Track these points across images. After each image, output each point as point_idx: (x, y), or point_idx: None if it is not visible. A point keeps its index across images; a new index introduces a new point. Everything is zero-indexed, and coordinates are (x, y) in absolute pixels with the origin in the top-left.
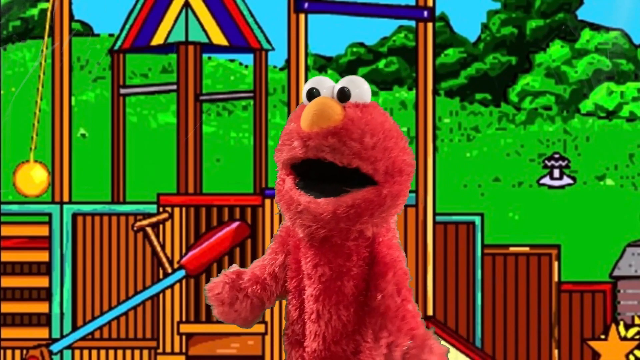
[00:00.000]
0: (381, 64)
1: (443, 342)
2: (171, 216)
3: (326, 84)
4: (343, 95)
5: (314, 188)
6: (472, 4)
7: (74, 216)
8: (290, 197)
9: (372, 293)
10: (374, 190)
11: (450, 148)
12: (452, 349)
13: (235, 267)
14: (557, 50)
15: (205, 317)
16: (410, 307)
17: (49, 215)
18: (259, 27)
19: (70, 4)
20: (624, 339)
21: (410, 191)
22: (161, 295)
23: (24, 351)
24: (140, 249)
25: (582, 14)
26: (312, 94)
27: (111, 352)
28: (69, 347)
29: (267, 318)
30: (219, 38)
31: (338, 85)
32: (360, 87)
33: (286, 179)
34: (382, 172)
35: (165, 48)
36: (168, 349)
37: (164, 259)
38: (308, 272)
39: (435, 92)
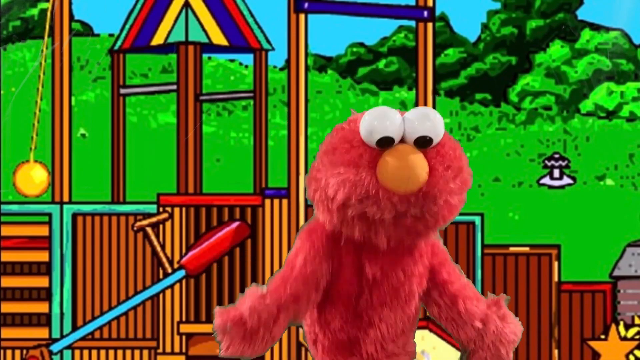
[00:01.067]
0: (381, 64)
1: (443, 342)
2: (171, 216)
3: (395, 120)
4: (425, 144)
5: None
6: (472, 4)
7: (74, 216)
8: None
9: (443, 282)
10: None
11: None
12: (452, 349)
13: (253, 288)
14: (557, 50)
15: (205, 317)
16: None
17: (49, 215)
18: (259, 27)
19: (70, 4)
20: (624, 339)
21: None
22: (161, 295)
23: (24, 351)
24: (140, 249)
25: (582, 14)
26: (384, 142)
27: (111, 352)
28: (69, 347)
29: None
30: (219, 38)
31: (414, 129)
32: (436, 126)
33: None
34: (456, 194)
35: (165, 48)
36: (168, 349)
37: (164, 259)
38: (376, 278)
39: (435, 92)
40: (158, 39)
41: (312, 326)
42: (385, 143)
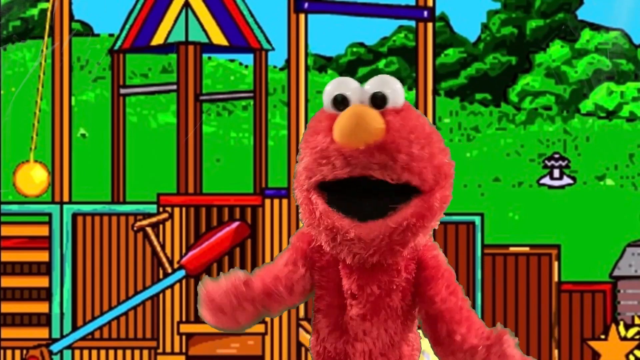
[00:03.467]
0: (381, 64)
1: None
2: (171, 216)
3: (351, 85)
4: (379, 101)
5: (351, 207)
6: (472, 4)
7: (74, 216)
8: (331, 224)
9: (426, 299)
10: (422, 201)
11: (450, 148)
12: None
13: (239, 273)
14: (557, 50)
15: None
16: (468, 305)
17: (49, 215)
18: (259, 27)
19: (70, 4)
20: (624, 339)
21: None
22: (161, 295)
23: (24, 351)
24: (140, 249)
25: (582, 14)
26: (339, 100)
27: (111, 352)
28: (69, 347)
29: (267, 318)
30: (219, 38)
31: (370, 88)
32: (394, 89)
33: (315, 199)
34: (431, 181)
35: (165, 48)
36: (168, 349)
37: (164, 259)
38: (353, 292)
39: (435, 92)
40: (158, 39)
41: (313, 335)
42: (342, 104)
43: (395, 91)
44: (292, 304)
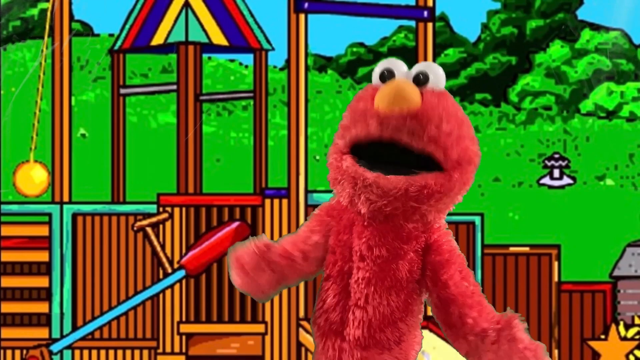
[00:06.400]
0: None
1: (443, 342)
2: (171, 216)
3: (400, 67)
4: (420, 81)
5: (378, 168)
6: (472, 4)
7: (74, 216)
8: (354, 171)
9: (440, 283)
10: (445, 175)
11: None
12: (451, 349)
13: (264, 237)
14: (557, 50)
15: (205, 317)
16: (479, 290)
17: (49, 215)
18: (259, 27)
19: (70, 4)
20: (624, 339)
21: None
22: (161, 295)
23: (24, 351)
24: (140, 249)
25: (582, 14)
26: (386, 76)
27: (111, 352)
28: (69, 347)
29: (267, 318)
30: (219, 38)
31: (414, 71)
32: (436, 74)
33: (345, 157)
34: (454, 160)
35: (165, 48)
36: (168, 349)
37: (164, 259)
38: (362, 253)
39: None
40: (158, 39)
41: (316, 305)
42: (387, 78)
43: (437, 75)
44: (308, 272)
